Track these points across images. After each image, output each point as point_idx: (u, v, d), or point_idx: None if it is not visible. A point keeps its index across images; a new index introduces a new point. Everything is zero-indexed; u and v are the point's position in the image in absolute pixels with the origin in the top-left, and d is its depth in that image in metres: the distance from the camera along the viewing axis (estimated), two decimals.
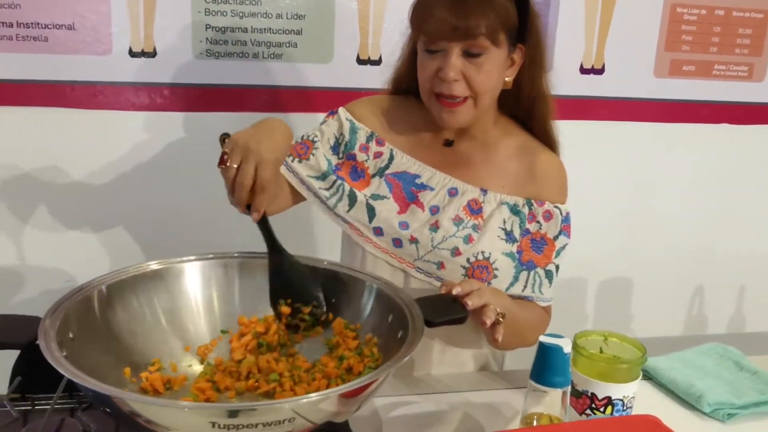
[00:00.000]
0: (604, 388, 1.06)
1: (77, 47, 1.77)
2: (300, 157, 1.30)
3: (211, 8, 1.81)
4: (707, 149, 2.26)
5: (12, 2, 1.71)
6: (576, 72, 2.08)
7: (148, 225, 1.92)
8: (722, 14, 2.12)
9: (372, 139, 1.31)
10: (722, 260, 2.37)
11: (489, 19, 1.14)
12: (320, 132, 1.33)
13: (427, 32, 1.16)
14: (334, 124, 1.33)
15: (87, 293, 0.96)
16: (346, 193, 1.28)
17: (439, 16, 1.14)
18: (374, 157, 1.30)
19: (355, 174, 1.29)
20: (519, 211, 1.28)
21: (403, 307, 0.97)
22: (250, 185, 1.03)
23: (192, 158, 1.90)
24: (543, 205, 1.29)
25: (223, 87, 1.87)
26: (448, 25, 1.13)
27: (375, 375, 0.82)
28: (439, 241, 1.25)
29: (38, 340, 0.83)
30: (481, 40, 1.15)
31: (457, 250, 1.25)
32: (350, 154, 1.30)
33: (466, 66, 1.17)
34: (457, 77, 1.16)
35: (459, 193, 1.28)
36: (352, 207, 1.27)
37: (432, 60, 1.18)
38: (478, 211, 1.27)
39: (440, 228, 1.25)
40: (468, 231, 1.25)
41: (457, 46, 1.15)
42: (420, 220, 1.27)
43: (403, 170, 1.29)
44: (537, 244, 1.28)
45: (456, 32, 1.13)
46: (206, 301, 1.07)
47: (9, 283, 1.88)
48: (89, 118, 1.82)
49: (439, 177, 1.29)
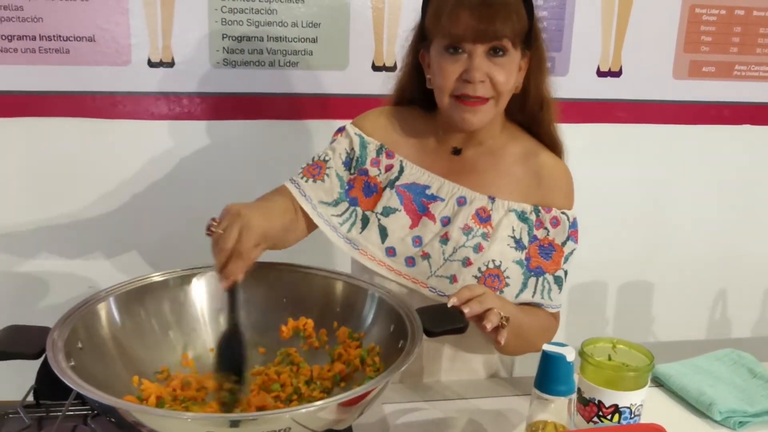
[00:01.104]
0: (611, 396, 1.06)
1: (98, 59, 1.80)
2: (314, 178, 1.31)
3: (228, 18, 1.84)
4: (729, 151, 2.23)
5: (34, 16, 1.75)
6: (593, 75, 2.07)
7: (167, 231, 1.95)
8: (743, 14, 2.09)
9: (382, 152, 1.32)
10: (746, 263, 2.33)
11: (513, 22, 1.17)
12: (332, 150, 1.34)
13: (454, 35, 1.17)
14: (344, 141, 1.34)
15: (95, 304, 0.99)
16: (359, 217, 1.29)
17: (465, 20, 1.15)
18: (385, 170, 1.31)
19: (368, 190, 1.31)
20: (527, 218, 1.28)
21: (403, 316, 0.98)
22: (229, 249, 1.00)
23: (211, 166, 1.94)
24: (550, 211, 1.29)
25: (241, 95, 1.90)
26: (475, 28, 1.15)
27: (373, 384, 0.83)
28: (450, 252, 1.25)
29: (46, 351, 0.85)
30: (504, 42, 1.17)
31: (468, 260, 1.25)
32: (362, 170, 1.32)
33: (490, 67, 1.18)
34: (483, 78, 1.18)
35: (467, 202, 1.28)
36: (365, 228, 1.28)
37: (454, 63, 1.19)
38: (486, 219, 1.27)
39: (450, 239, 1.26)
40: (478, 240, 1.26)
41: (481, 47, 1.17)
42: (432, 232, 1.27)
43: (412, 181, 1.30)
44: (545, 251, 1.28)
45: (483, 35, 1.16)
46: (212, 310, 1.09)
47: (35, 290, 1.93)
48: (110, 127, 1.85)
49: (448, 186, 1.29)
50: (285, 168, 1.41)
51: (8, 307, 1.91)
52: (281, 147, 1.94)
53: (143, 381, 0.98)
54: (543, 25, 1.28)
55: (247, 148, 1.94)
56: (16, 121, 1.81)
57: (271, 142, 1.94)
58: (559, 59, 2.04)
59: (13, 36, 1.75)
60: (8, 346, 0.90)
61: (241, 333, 1.04)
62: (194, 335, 1.07)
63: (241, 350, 1.03)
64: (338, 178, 1.31)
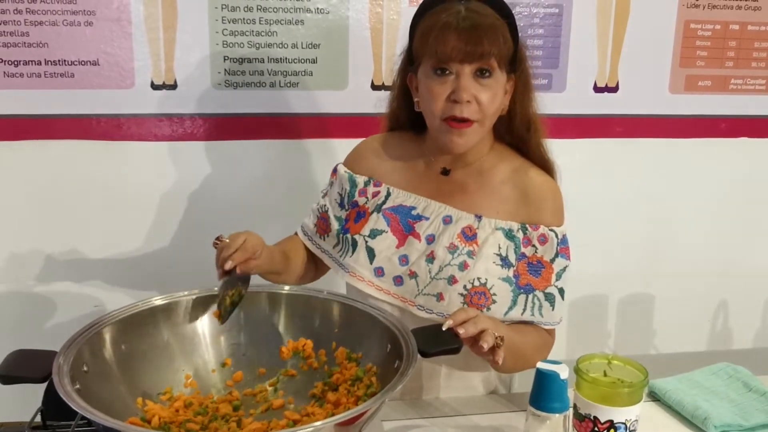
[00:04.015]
0: (606, 412, 1.08)
1: (102, 82, 1.84)
2: (326, 233, 1.38)
3: (229, 40, 1.87)
4: (727, 164, 2.25)
5: (40, 41, 1.79)
6: (590, 91, 2.09)
7: (170, 251, 1.98)
8: (737, 29, 2.11)
9: (369, 183, 1.36)
10: (746, 274, 2.35)
11: (498, 43, 1.20)
12: (329, 197, 1.41)
13: (441, 55, 1.20)
14: (336, 183, 1.41)
15: (99, 328, 1.01)
16: (350, 242, 1.33)
17: (453, 41, 1.18)
18: (372, 196, 1.35)
19: (359, 217, 1.35)
20: (514, 235, 1.29)
21: (399, 337, 1.00)
22: (234, 249, 1.14)
23: (213, 185, 1.97)
24: (538, 229, 1.30)
25: (242, 116, 1.93)
26: (462, 49, 1.18)
27: (368, 405, 0.86)
28: (436, 271, 1.27)
29: (52, 375, 0.88)
30: (491, 62, 1.20)
31: (454, 278, 1.26)
32: (353, 203, 1.36)
33: (476, 88, 1.21)
34: (470, 99, 1.20)
35: (453, 221, 1.30)
36: (354, 251, 1.32)
37: (442, 84, 1.22)
38: (472, 238, 1.28)
39: (436, 258, 1.28)
40: (463, 258, 1.27)
41: (468, 67, 1.20)
42: (418, 251, 1.30)
43: (399, 204, 1.33)
44: (534, 268, 1.29)
45: (470, 55, 1.18)
46: (212, 332, 1.12)
47: (42, 309, 1.95)
48: (114, 149, 1.89)
49: (434, 206, 1.32)
50: (286, 187, 1.44)
51: (17, 326, 1.94)
52: (282, 166, 1.97)
53: (147, 402, 1.00)
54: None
55: (249, 167, 1.97)
56: (23, 144, 1.85)
57: (272, 161, 1.97)
58: (556, 76, 2.06)
59: (20, 61, 1.79)
60: (16, 371, 0.92)
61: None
62: (196, 356, 1.10)
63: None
64: (336, 220, 1.38)
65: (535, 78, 1.33)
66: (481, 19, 1.19)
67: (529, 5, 2.00)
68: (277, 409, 1.04)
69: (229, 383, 1.09)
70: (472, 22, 1.19)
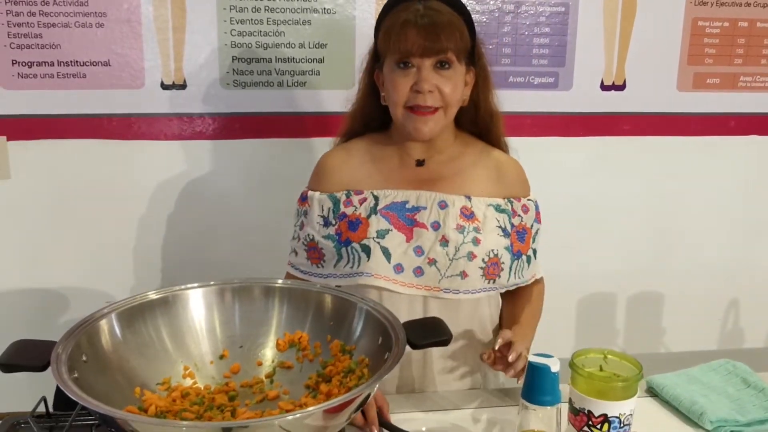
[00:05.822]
0: (600, 406, 1.09)
1: (113, 82, 1.88)
2: (322, 259, 1.40)
3: (237, 41, 1.90)
4: (736, 161, 2.24)
5: (53, 43, 1.83)
6: (597, 89, 2.09)
7: (180, 248, 2.02)
8: (746, 26, 2.10)
9: (351, 194, 1.39)
10: (756, 272, 2.33)
11: (456, 38, 1.29)
12: (308, 226, 1.41)
13: (403, 50, 1.28)
14: (313, 208, 1.41)
15: (98, 320, 1.04)
16: (359, 249, 1.34)
17: (413, 37, 1.27)
18: (360, 203, 1.37)
19: (353, 225, 1.36)
20: (503, 209, 1.39)
21: (389, 329, 1.02)
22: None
23: (223, 184, 2.00)
24: (520, 200, 1.42)
25: (250, 115, 1.96)
26: (422, 44, 1.27)
27: (358, 391, 0.88)
28: (453, 252, 1.33)
29: (51, 364, 0.91)
30: (450, 55, 1.29)
31: (472, 254, 1.33)
32: (340, 215, 1.38)
33: (437, 79, 1.29)
34: (432, 89, 1.29)
35: (449, 204, 1.35)
36: (370, 256, 1.33)
37: (405, 77, 1.30)
38: (471, 216, 1.36)
39: (450, 240, 1.33)
40: (473, 234, 1.34)
41: (428, 60, 1.28)
42: (429, 239, 1.33)
43: (390, 202, 1.36)
44: (520, 235, 1.40)
45: (429, 50, 1.27)
46: (208, 323, 1.14)
47: (56, 305, 1.99)
48: (125, 148, 1.92)
49: (426, 195, 1.37)
50: (294, 186, 1.46)
51: (31, 321, 1.98)
52: (290, 165, 2.00)
53: (145, 392, 1.03)
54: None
55: (257, 166, 2.00)
56: (36, 144, 1.89)
57: (280, 160, 1.99)
58: (563, 74, 2.07)
59: (33, 62, 1.83)
60: (16, 359, 0.95)
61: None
62: (193, 347, 1.12)
63: None
64: (327, 239, 1.38)
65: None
66: (438, 17, 1.29)
67: (535, 4, 2.00)
68: (272, 399, 1.06)
69: (226, 374, 1.11)
70: (430, 19, 1.28)
